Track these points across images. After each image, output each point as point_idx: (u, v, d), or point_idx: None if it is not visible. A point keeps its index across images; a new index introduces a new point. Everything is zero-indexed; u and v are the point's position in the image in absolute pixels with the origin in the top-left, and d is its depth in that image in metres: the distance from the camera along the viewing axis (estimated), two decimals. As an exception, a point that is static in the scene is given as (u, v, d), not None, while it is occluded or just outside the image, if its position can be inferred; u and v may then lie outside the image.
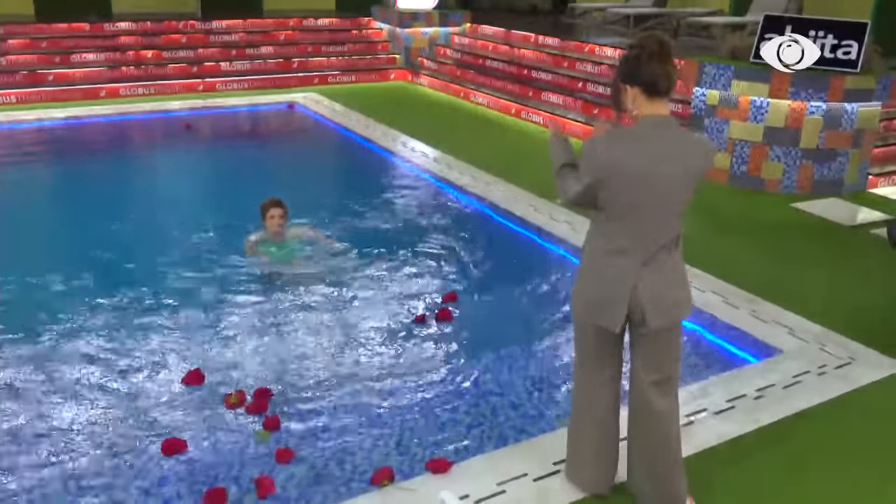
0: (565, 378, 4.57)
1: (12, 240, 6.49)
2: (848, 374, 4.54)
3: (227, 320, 5.17)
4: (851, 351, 4.80)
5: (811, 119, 7.87)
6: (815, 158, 7.98)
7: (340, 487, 3.57)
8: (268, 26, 14.39)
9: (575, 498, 3.45)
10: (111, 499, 3.47)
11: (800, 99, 7.81)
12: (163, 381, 4.42)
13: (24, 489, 3.52)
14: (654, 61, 2.92)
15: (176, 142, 10.23)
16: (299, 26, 14.61)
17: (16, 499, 3.45)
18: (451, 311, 5.31)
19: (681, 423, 3.38)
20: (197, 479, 3.60)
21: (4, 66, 11.80)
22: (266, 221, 5.99)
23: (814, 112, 7.85)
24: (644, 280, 3.05)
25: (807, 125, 7.89)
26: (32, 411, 4.11)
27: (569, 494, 3.47)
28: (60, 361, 4.57)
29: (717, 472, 3.65)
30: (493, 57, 13.38)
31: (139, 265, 5.94)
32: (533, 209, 7.25)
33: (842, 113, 7.86)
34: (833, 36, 7.86)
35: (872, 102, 7.94)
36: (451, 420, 4.13)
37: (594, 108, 10.56)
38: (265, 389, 4.24)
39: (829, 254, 6.51)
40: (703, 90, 8.40)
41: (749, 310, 5.29)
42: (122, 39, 13.07)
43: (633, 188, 2.97)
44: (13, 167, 8.66)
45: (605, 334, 3.21)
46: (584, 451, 3.42)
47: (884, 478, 3.70)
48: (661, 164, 2.96)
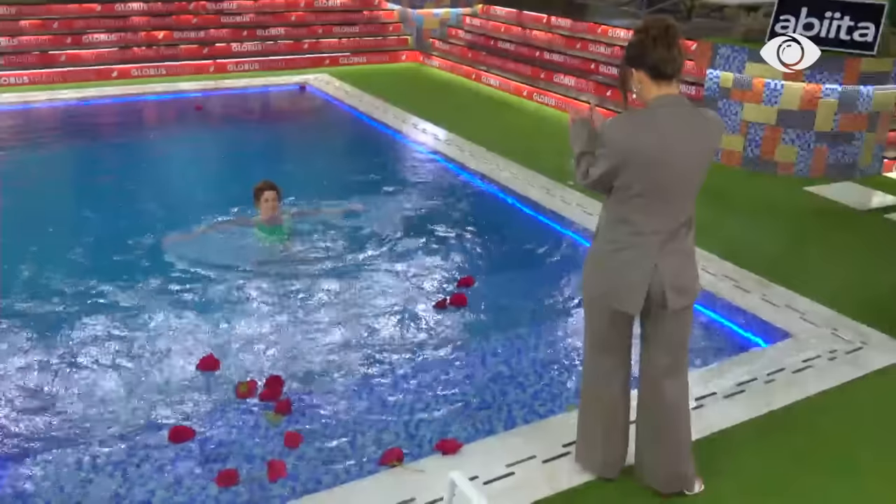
0: (575, 361, 4.57)
1: (25, 220, 6.52)
2: (859, 358, 4.53)
3: (236, 302, 5.19)
4: (863, 335, 4.78)
5: (826, 102, 7.79)
6: (829, 142, 7.91)
7: (351, 468, 3.60)
8: (279, 7, 14.33)
9: (583, 480, 3.47)
10: (125, 477, 3.52)
11: (815, 81, 7.73)
12: (176, 365, 4.44)
13: (39, 471, 3.57)
14: (659, 46, 2.92)
15: (187, 123, 10.24)
16: (310, 7, 14.55)
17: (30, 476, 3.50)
18: (466, 295, 5.29)
19: (690, 407, 3.39)
20: (209, 461, 3.63)
21: (17, 47, 11.82)
22: (260, 205, 5.97)
23: (829, 95, 7.77)
24: (664, 261, 3.05)
25: (821, 108, 7.81)
26: (48, 391, 4.15)
27: (577, 476, 3.49)
28: (74, 338, 4.62)
29: (725, 456, 3.65)
30: (504, 38, 13.30)
31: (148, 245, 5.97)
32: (545, 192, 7.23)
33: (857, 95, 7.78)
34: (849, 17, 7.77)
35: (888, 85, 7.85)
36: (460, 402, 4.14)
37: (607, 90, 10.49)
38: (278, 377, 4.21)
39: (842, 238, 6.47)
40: (717, 72, 8.32)
41: (760, 293, 5.27)
42: (133, 20, 13.06)
43: (652, 169, 2.97)
44: (26, 148, 8.69)
45: (620, 319, 3.21)
46: (594, 434, 3.43)
47: (894, 463, 3.70)
48: (677, 144, 2.97)
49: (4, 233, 5.96)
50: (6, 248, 5.73)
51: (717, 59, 8.26)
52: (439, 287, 5.49)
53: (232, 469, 3.50)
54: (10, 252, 5.70)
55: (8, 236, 5.95)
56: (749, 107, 8.11)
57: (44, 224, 6.47)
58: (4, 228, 6.10)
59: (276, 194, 5.97)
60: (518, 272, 5.80)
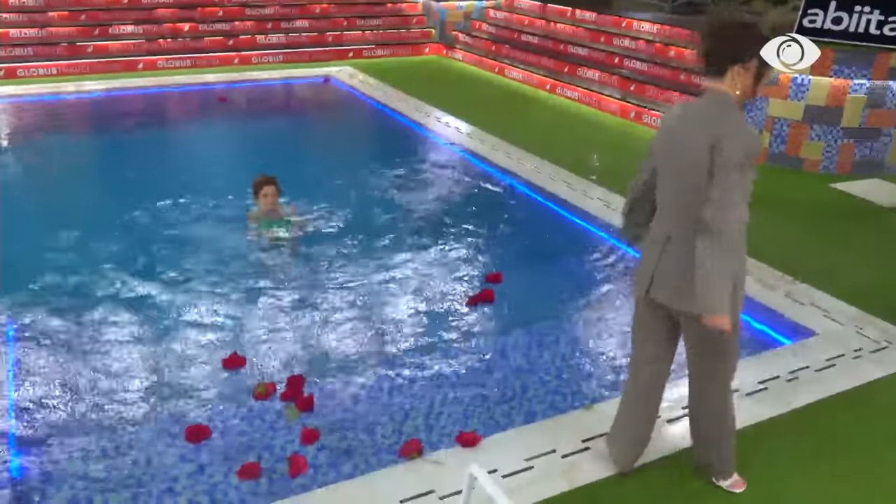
0: (597, 357, 4.56)
1: (53, 208, 6.61)
2: (884, 357, 4.47)
3: (251, 298, 5.17)
4: (889, 335, 4.72)
5: (854, 97, 7.69)
6: (856, 138, 7.80)
7: (370, 458, 3.61)
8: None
9: (603, 476, 3.46)
10: (150, 464, 3.56)
11: (843, 76, 7.63)
12: (201, 362, 4.47)
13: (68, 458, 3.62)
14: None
15: (212, 114, 10.31)
16: (334, 0, 14.57)
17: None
18: (493, 291, 5.24)
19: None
20: (230, 455, 3.65)
21: (46, 38, 11.95)
22: (259, 199, 5.98)
23: (857, 90, 7.66)
24: (663, 256, 3.12)
25: (849, 104, 7.71)
26: (75, 381, 4.21)
27: (597, 472, 3.48)
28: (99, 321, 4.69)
29: (748, 454, 3.63)
30: (528, 31, 13.23)
31: (170, 234, 6.02)
32: (567, 185, 7.20)
33: (886, 91, 7.66)
34: (879, 11, 7.64)
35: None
36: (481, 395, 4.15)
37: (630, 84, 10.41)
38: (299, 376, 4.17)
39: (868, 235, 6.39)
40: (743, 67, 8.22)
41: (784, 291, 5.22)
42: (159, 12, 13.14)
43: (658, 154, 3.13)
44: (55, 137, 8.79)
45: (647, 309, 3.28)
46: (617, 425, 3.49)
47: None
48: (679, 132, 3.03)
49: (32, 218, 6.04)
50: (33, 234, 5.82)
51: (743, 54, 8.15)
52: (458, 280, 5.49)
53: (254, 462, 3.52)
54: (35, 237, 5.79)
55: (35, 221, 6.05)
56: (775, 102, 8.01)
57: (69, 211, 6.53)
58: (32, 214, 6.20)
59: (275, 189, 5.96)
60: (540, 267, 5.78)
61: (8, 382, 4.04)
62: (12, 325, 4.65)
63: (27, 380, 4.14)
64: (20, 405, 3.93)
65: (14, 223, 6.14)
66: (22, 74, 11.20)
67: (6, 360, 4.23)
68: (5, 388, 3.98)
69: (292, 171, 6.17)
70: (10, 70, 11.16)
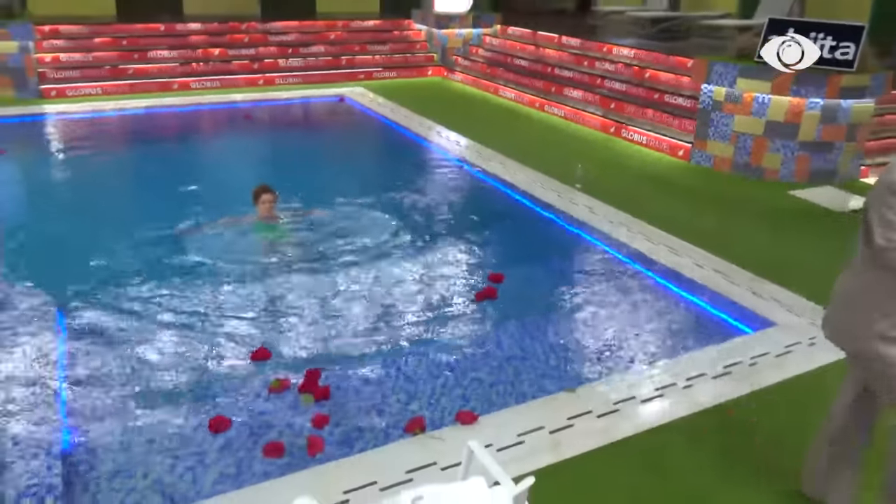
0: (579, 346, 4.57)
1: (99, 212, 6.62)
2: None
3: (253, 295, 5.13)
4: (840, 325, 4.72)
5: (809, 114, 7.69)
6: (811, 150, 7.80)
7: (380, 435, 3.63)
8: (319, 27, 14.36)
9: (585, 450, 3.48)
10: (183, 440, 3.58)
11: (799, 95, 7.63)
12: (230, 354, 4.50)
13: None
14: None
15: (238, 129, 10.32)
16: (347, 27, 14.56)
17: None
18: (495, 289, 5.21)
19: (681, 386, 3.36)
20: (255, 433, 3.67)
21: (91, 62, 11.97)
22: (259, 206, 5.98)
23: (812, 108, 7.67)
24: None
25: (805, 120, 7.71)
26: (115, 371, 4.23)
27: (579, 447, 3.49)
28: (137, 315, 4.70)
29: (713, 428, 3.65)
30: (520, 56, 13.23)
31: (199, 236, 6.03)
32: (556, 194, 7.21)
33: (838, 108, 7.67)
34: (832, 38, 7.65)
35: (866, 99, 7.73)
36: (477, 379, 4.16)
37: (611, 103, 10.42)
38: (315, 370, 4.10)
39: (822, 237, 6.39)
40: (711, 87, 8.24)
41: (747, 286, 5.23)
42: (192, 38, 13.15)
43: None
44: (99, 150, 8.81)
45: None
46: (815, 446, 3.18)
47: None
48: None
49: (81, 220, 6.04)
50: (81, 234, 5.84)
51: (711, 75, 8.18)
52: (456, 277, 5.50)
53: (278, 442, 3.52)
54: (83, 237, 5.81)
55: (82, 223, 6.06)
56: (739, 118, 8.02)
57: (111, 216, 6.54)
58: (81, 217, 6.20)
59: (272, 196, 5.95)
60: (530, 266, 5.77)
61: (59, 366, 4.05)
62: (63, 315, 4.66)
63: (76, 364, 4.16)
64: (69, 387, 3.95)
65: (64, 224, 6.17)
66: (71, 94, 11.23)
67: (58, 346, 4.24)
68: (56, 371, 3.99)
69: (311, 179, 6.18)
70: (61, 90, 11.18)
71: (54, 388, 3.79)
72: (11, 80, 10.82)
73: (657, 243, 5.95)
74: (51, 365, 3.98)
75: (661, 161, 8.68)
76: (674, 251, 5.80)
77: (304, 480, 3.26)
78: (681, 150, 8.77)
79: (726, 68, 8.01)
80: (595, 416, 3.72)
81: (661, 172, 8.18)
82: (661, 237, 6.08)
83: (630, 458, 3.46)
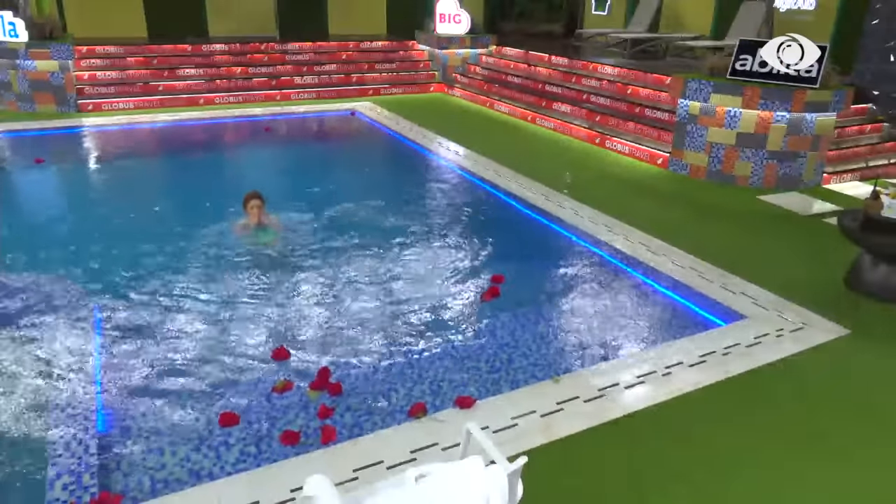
0: (567, 338, 4.55)
1: (131, 216, 6.60)
2: (801, 336, 4.47)
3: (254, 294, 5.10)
4: (805, 317, 4.71)
5: (776, 126, 7.67)
6: (779, 159, 7.78)
7: (385, 418, 3.62)
8: (332, 48, 14.34)
9: (573, 431, 3.46)
10: (208, 424, 3.56)
11: (768, 109, 7.61)
12: (249, 352, 4.48)
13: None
14: None
15: (258, 141, 10.30)
16: (357, 48, 14.54)
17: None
18: (499, 289, 5.14)
19: (660, 374, 3.34)
20: (272, 422, 3.66)
21: (125, 79, 11.95)
22: (248, 211, 5.89)
23: (779, 120, 7.64)
24: None
25: (773, 131, 7.69)
26: (140, 367, 4.21)
27: (568, 428, 3.48)
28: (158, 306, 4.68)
29: (691, 412, 3.63)
30: (513, 73, 13.21)
31: (220, 240, 5.99)
32: (544, 198, 7.19)
33: (802, 121, 7.64)
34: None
35: (828, 112, 7.70)
36: (475, 367, 4.14)
37: (596, 116, 10.40)
38: (325, 368, 4.02)
39: (788, 238, 6.37)
40: (687, 102, 8.22)
41: (720, 282, 5.21)
42: (216, 58, 13.13)
43: None
44: (132, 159, 8.79)
45: None
46: None
47: (826, 416, 3.66)
48: None
49: (113, 224, 6.01)
50: (113, 237, 5.82)
51: (687, 91, 8.15)
52: (454, 275, 5.47)
53: (295, 431, 3.49)
54: (115, 240, 5.79)
55: (115, 227, 6.03)
56: (713, 130, 8.00)
57: (142, 218, 6.52)
58: (114, 221, 6.17)
59: (261, 202, 5.87)
60: (522, 264, 5.76)
61: (95, 355, 4.04)
62: (98, 310, 4.65)
63: (110, 353, 4.15)
64: (104, 373, 3.93)
65: (98, 228, 6.15)
66: (107, 108, 11.20)
67: (94, 337, 4.23)
68: (93, 359, 3.98)
69: (324, 186, 6.15)
70: (98, 105, 11.16)
71: (91, 375, 3.77)
72: (53, 96, 10.82)
73: (637, 243, 5.93)
74: (88, 354, 3.97)
75: (642, 169, 8.65)
76: (653, 251, 5.78)
77: (316, 460, 3.24)
78: (660, 159, 8.75)
79: (701, 85, 7.99)
80: (582, 401, 3.70)
81: (642, 179, 8.16)
82: (642, 238, 6.06)
83: (614, 439, 3.44)
